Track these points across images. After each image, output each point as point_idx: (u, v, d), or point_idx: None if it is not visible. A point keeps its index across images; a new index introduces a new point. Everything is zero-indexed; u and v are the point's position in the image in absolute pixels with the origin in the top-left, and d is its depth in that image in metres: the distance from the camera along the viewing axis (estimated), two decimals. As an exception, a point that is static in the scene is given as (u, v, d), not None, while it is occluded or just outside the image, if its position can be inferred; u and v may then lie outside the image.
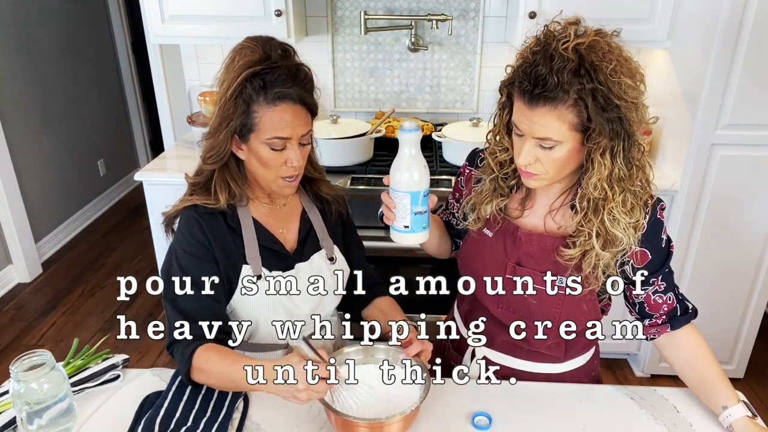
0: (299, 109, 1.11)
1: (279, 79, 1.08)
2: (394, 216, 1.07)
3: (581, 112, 0.97)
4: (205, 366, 1.09)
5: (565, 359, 1.26)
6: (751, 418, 1.08)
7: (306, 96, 1.12)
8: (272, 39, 1.14)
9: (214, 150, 1.15)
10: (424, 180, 1.05)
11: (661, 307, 1.17)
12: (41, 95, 3.62)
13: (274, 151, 1.12)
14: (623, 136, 0.99)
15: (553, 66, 0.95)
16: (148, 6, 2.23)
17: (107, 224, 4.14)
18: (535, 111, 0.98)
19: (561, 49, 0.95)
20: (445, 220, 1.38)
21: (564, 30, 0.98)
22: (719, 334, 2.39)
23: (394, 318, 1.27)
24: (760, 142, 2.06)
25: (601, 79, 0.95)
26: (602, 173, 1.01)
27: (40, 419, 1.04)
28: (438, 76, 2.67)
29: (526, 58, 1.00)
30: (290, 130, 1.11)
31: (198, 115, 2.53)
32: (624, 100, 0.96)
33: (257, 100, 1.09)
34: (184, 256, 1.17)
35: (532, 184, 1.10)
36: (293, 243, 1.27)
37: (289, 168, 1.15)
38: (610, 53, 0.97)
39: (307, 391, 0.96)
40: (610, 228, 1.05)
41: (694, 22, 2.06)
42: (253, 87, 1.08)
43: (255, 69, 1.08)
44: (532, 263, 1.16)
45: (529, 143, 1.03)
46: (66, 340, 2.85)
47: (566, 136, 1.00)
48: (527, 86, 0.98)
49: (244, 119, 1.10)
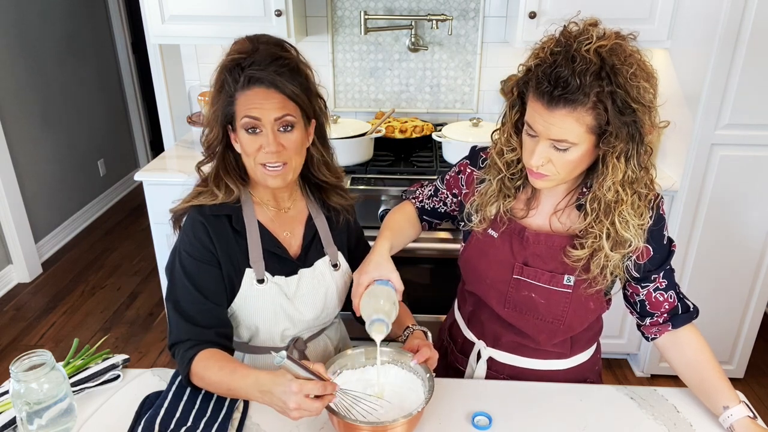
0: (272, 93, 1.10)
1: (254, 64, 1.09)
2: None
3: (600, 115, 0.96)
4: (204, 373, 1.10)
5: (571, 354, 1.26)
6: (752, 418, 1.08)
7: (280, 80, 1.10)
8: (267, 36, 1.15)
9: (208, 140, 1.18)
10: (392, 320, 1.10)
11: (662, 305, 1.17)
12: (41, 95, 3.62)
13: (249, 134, 1.12)
14: (637, 140, 0.99)
15: (575, 68, 0.94)
16: (148, 6, 2.23)
17: (107, 224, 4.14)
18: (554, 113, 0.97)
19: (583, 51, 0.94)
20: (432, 207, 1.35)
21: (585, 31, 0.97)
22: (719, 334, 2.38)
23: (404, 323, 1.26)
24: (760, 142, 2.06)
25: (621, 83, 0.94)
26: (617, 176, 1.01)
27: (40, 419, 1.04)
28: (438, 76, 2.67)
29: (545, 59, 0.98)
30: (260, 111, 1.10)
31: (198, 115, 2.53)
32: (641, 104, 0.96)
33: (236, 87, 1.11)
34: (188, 259, 1.17)
35: (540, 185, 1.10)
36: (297, 248, 1.27)
37: (265, 154, 1.12)
38: (631, 57, 0.96)
39: (299, 410, 0.95)
40: (620, 230, 1.05)
41: (694, 22, 2.06)
42: (232, 75, 1.10)
43: (235, 57, 1.11)
44: (539, 263, 1.16)
45: (543, 144, 1.02)
46: (66, 340, 2.85)
47: (582, 139, 0.99)
48: (547, 87, 0.96)
49: (227, 107, 1.12)
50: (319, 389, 0.96)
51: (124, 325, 2.96)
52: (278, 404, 0.98)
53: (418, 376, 1.13)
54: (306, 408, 0.95)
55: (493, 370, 1.29)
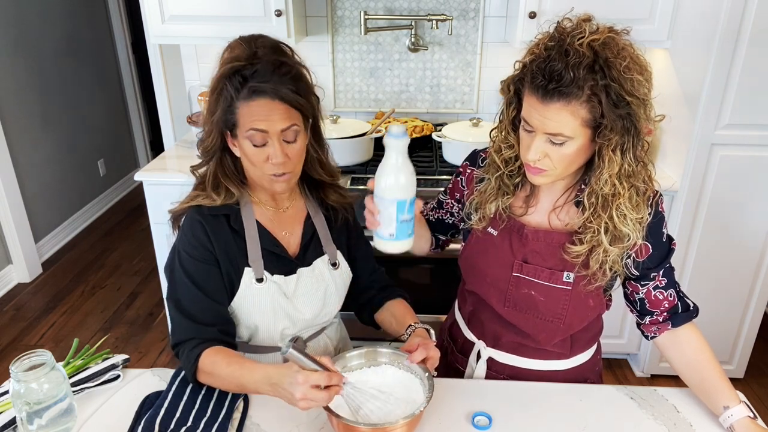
0: (277, 104, 1.09)
1: (257, 75, 1.08)
2: (377, 223, 1.03)
3: (594, 108, 0.97)
4: (212, 369, 1.10)
5: (571, 355, 1.26)
6: (752, 419, 1.08)
7: (284, 91, 1.09)
8: (263, 36, 1.15)
9: (205, 145, 1.18)
10: (412, 187, 1.00)
11: (661, 303, 1.17)
12: (41, 95, 3.62)
13: (255, 147, 1.12)
14: (633, 133, 1.00)
15: (568, 61, 0.95)
16: (148, 6, 2.23)
17: (107, 224, 4.14)
18: (549, 106, 0.98)
19: (576, 45, 0.95)
20: (436, 218, 1.37)
21: (578, 26, 0.98)
22: (719, 334, 2.38)
23: (406, 321, 1.26)
24: (760, 142, 2.06)
25: (615, 76, 0.95)
26: (613, 169, 1.02)
27: (40, 419, 1.04)
28: (438, 76, 2.67)
29: (539, 54, 1.00)
30: (266, 124, 1.09)
31: (198, 115, 2.53)
32: (635, 96, 0.97)
33: (237, 97, 1.10)
34: (187, 259, 1.17)
35: (538, 181, 1.10)
36: (296, 247, 1.27)
37: (272, 165, 1.13)
38: (624, 50, 0.97)
39: (305, 400, 0.96)
40: (618, 224, 1.06)
41: (694, 22, 2.06)
42: (232, 83, 1.09)
43: (235, 65, 1.09)
44: (538, 260, 1.17)
45: (539, 138, 1.03)
46: (66, 340, 2.85)
47: (578, 132, 1.00)
48: (541, 81, 0.97)
49: (227, 115, 1.11)
50: (325, 380, 0.97)
51: (124, 325, 2.96)
52: (286, 395, 0.99)
53: (417, 376, 1.12)
54: (312, 398, 0.96)
55: (493, 371, 1.29)
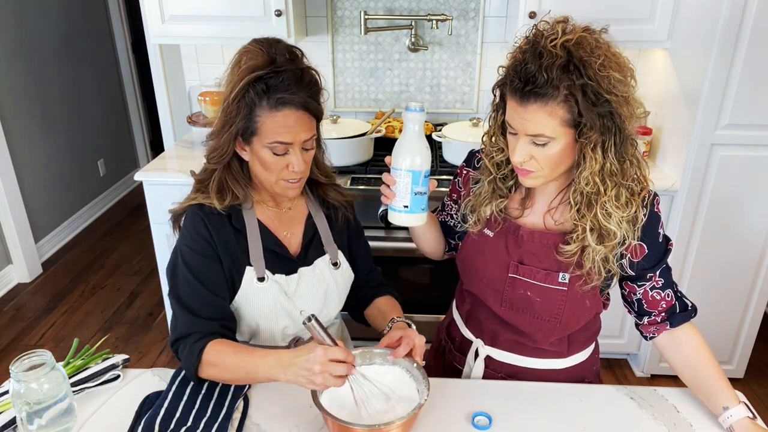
0: (302, 115, 1.11)
1: (282, 84, 1.08)
2: (393, 194, 1.10)
3: (572, 108, 0.98)
4: (218, 359, 1.10)
5: (568, 354, 1.27)
6: (752, 419, 1.08)
7: (309, 102, 1.11)
8: (279, 42, 1.14)
9: (216, 150, 1.16)
10: (426, 160, 1.08)
11: (659, 303, 1.17)
12: (41, 95, 3.62)
13: (276, 155, 1.12)
14: (614, 131, 1.00)
15: (542, 63, 0.96)
16: (148, 6, 2.23)
17: (107, 224, 4.14)
18: (527, 108, 1.00)
19: (549, 47, 0.97)
20: (441, 221, 1.38)
21: (552, 28, 1.00)
22: (719, 334, 2.38)
23: (389, 315, 1.26)
24: (760, 142, 2.06)
25: (590, 75, 0.96)
26: (593, 167, 1.03)
27: (40, 419, 1.04)
28: (438, 76, 2.67)
29: (516, 57, 1.02)
30: (292, 136, 1.11)
31: (198, 116, 2.53)
32: (614, 94, 0.97)
33: (260, 105, 1.09)
34: (189, 253, 1.17)
35: (528, 183, 1.11)
36: (297, 247, 1.27)
37: (291, 172, 1.15)
38: (598, 48, 0.98)
39: (323, 374, 0.97)
40: (603, 222, 1.06)
41: (694, 22, 2.06)
42: (255, 91, 1.08)
43: (258, 73, 1.08)
44: (534, 261, 1.17)
45: (523, 141, 1.04)
46: (66, 340, 2.85)
47: (558, 132, 1.01)
48: (518, 84, 0.99)
49: (247, 123, 1.10)
50: (343, 355, 0.98)
51: (124, 325, 2.96)
52: (302, 373, 0.99)
53: (413, 376, 1.12)
54: (330, 371, 0.96)
55: (491, 369, 1.29)
